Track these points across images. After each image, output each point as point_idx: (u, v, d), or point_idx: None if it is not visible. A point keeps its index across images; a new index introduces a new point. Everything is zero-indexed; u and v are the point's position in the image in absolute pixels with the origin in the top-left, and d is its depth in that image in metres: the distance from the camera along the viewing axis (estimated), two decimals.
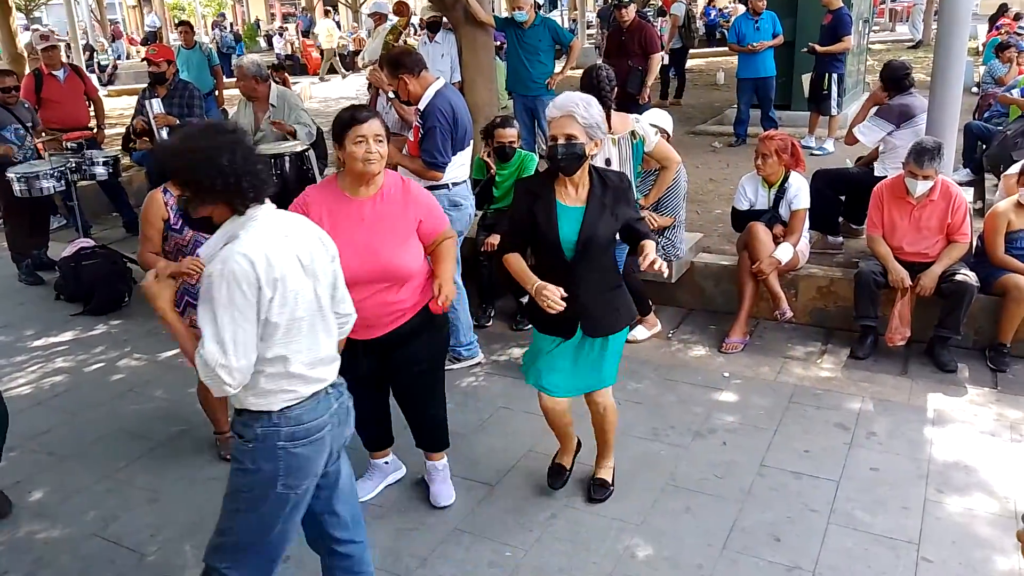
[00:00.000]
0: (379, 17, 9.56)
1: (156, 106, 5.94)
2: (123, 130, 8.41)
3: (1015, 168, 4.66)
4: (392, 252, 2.87)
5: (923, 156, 4.18)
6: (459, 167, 4.22)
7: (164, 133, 5.96)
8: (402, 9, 8.87)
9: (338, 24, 30.70)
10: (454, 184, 4.21)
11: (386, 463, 3.44)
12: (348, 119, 2.82)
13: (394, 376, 3.14)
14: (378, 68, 4.89)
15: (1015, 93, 7.31)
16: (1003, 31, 12.19)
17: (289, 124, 5.30)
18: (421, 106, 4.05)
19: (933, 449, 3.53)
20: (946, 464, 3.42)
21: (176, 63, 8.33)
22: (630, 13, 7.86)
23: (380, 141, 2.81)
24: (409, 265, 2.92)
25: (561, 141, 2.77)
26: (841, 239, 5.33)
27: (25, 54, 12.18)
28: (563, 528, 3.11)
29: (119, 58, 21.85)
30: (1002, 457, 3.47)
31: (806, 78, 8.23)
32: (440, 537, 3.10)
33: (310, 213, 2.82)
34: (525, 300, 4.94)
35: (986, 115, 7.60)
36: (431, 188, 4.06)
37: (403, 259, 2.90)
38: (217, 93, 9.22)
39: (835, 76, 7.95)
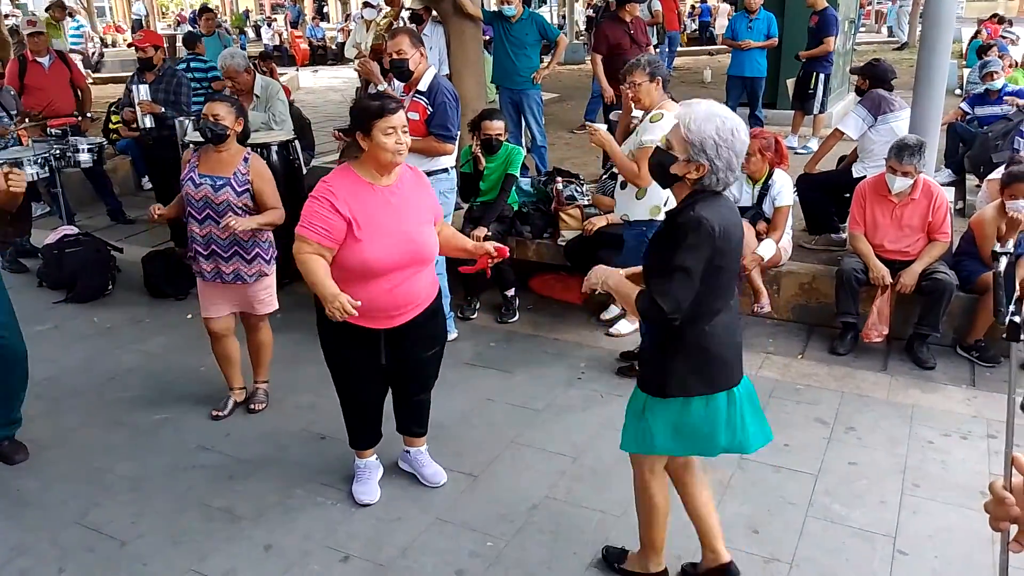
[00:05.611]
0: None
1: (142, 92, 5.89)
2: (104, 117, 8.35)
3: (997, 173, 4.70)
4: (422, 234, 2.93)
5: (903, 152, 4.23)
6: (453, 153, 4.34)
7: (148, 120, 5.90)
8: (393, 0, 8.83)
9: (327, 17, 30.52)
10: (452, 168, 4.38)
11: (376, 459, 3.41)
12: (378, 109, 2.78)
13: (402, 362, 3.11)
14: (368, 61, 4.90)
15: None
16: (985, 34, 12.30)
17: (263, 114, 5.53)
18: (422, 87, 4.18)
19: (911, 444, 3.58)
20: (923, 459, 3.47)
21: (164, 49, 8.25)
22: (634, 10, 7.86)
23: (406, 131, 2.87)
24: (434, 247, 3.00)
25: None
26: (844, 234, 5.27)
27: (10, 39, 12.06)
28: (545, 519, 3.13)
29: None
30: (978, 452, 3.52)
31: (790, 83, 8.30)
32: (422, 527, 3.11)
33: (337, 201, 2.79)
34: (510, 293, 5.02)
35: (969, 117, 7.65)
36: (434, 173, 4.13)
37: (430, 241, 2.97)
38: None
39: (822, 76, 8.05)
